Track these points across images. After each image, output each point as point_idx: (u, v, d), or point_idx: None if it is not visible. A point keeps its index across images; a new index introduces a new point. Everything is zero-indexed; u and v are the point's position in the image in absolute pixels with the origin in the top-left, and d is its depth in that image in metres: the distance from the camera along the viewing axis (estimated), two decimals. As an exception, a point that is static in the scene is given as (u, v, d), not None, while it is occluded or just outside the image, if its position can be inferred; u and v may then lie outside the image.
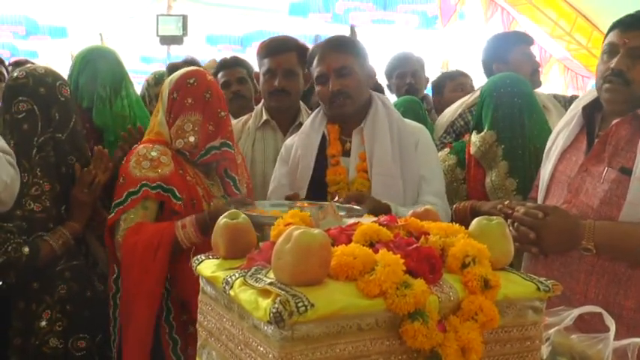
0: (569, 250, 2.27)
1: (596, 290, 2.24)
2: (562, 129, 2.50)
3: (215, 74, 3.92)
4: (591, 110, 2.41)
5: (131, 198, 2.54)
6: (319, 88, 2.81)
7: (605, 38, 2.35)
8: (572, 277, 2.27)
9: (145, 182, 2.54)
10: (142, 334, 2.49)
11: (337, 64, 2.75)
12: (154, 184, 2.55)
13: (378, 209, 2.39)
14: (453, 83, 4.57)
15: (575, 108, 2.48)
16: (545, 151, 2.57)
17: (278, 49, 3.29)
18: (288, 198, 2.63)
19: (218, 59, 4.33)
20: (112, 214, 2.56)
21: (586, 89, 13.15)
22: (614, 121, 2.28)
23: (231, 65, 3.91)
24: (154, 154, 2.59)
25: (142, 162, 2.57)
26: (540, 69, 3.83)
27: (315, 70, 2.81)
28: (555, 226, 2.24)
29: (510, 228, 2.29)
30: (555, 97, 3.88)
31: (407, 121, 2.91)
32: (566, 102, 3.88)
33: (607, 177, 2.24)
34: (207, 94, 2.66)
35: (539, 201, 2.50)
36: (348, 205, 2.35)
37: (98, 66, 3.12)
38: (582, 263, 2.26)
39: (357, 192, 2.63)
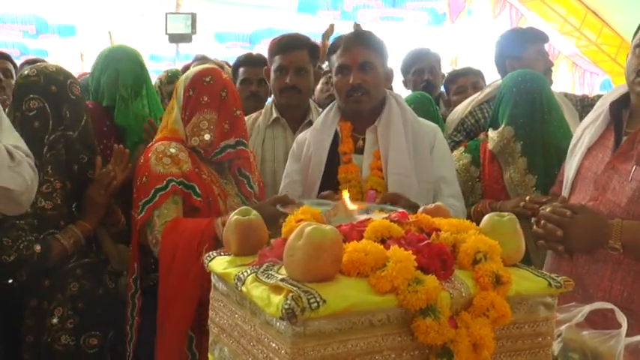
0: (596, 248, 2.25)
1: (620, 287, 2.23)
2: (588, 125, 2.48)
3: (236, 66, 3.90)
4: (619, 107, 2.39)
5: (160, 194, 2.53)
6: (338, 79, 2.79)
7: (635, 33, 2.33)
8: (597, 274, 2.26)
9: (170, 178, 2.54)
10: (180, 334, 2.49)
11: (362, 58, 2.74)
12: (178, 180, 2.56)
13: (412, 209, 2.37)
14: (454, 86, 4.54)
15: (602, 105, 2.45)
16: (570, 146, 2.55)
17: (290, 46, 3.28)
18: (322, 197, 2.56)
19: (225, 57, 4.29)
20: (142, 214, 2.54)
21: (594, 86, 13.12)
22: None
23: (256, 64, 3.81)
24: (172, 150, 2.59)
25: (162, 158, 2.56)
26: (552, 68, 3.80)
27: (338, 60, 2.78)
28: (583, 225, 2.22)
29: (535, 226, 2.29)
30: (566, 95, 3.87)
31: (421, 120, 2.90)
32: (577, 101, 3.87)
33: (635, 175, 2.22)
34: (224, 93, 2.66)
35: (565, 196, 2.48)
36: (391, 207, 2.19)
37: (120, 66, 3.12)
38: (608, 261, 2.25)
39: (391, 194, 2.58)
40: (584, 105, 3.91)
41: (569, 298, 1.51)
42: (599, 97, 4.01)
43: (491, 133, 3.07)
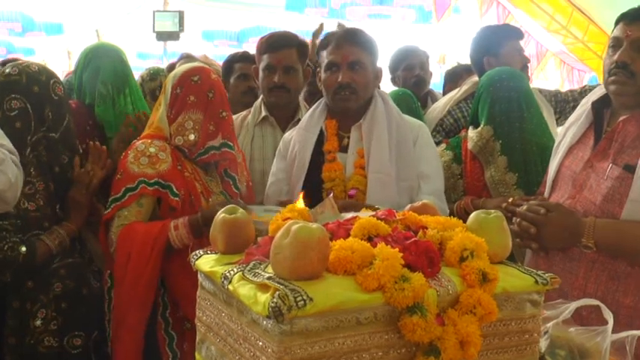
0: (570, 247, 2.27)
1: (595, 286, 2.24)
2: (572, 124, 2.49)
3: (231, 62, 3.88)
4: (601, 106, 2.40)
5: (129, 194, 2.53)
6: (326, 76, 2.77)
7: (611, 32, 2.35)
8: (571, 272, 2.27)
9: (142, 178, 2.53)
10: (135, 338, 2.49)
11: (352, 57, 2.72)
12: (152, 181, 2.54)
13: None
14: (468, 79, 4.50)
15: (586, 103, 2.47)
16: (555, 145, 2.57)
17: (278, 44, 3.26)
18: (281, 203, 2.57)
19: (213, 55, 4.26)
20: (109, 210, 2.55)
21: (582, 83, 13.17)
22: (622, 118, 2.28)
23: (253, 60, 3.83)
24: (152, 150, 2.58)
25: (140, 158, 2.56)
26: (529, 64, 3.80)
27: (328, 57, 2.76)
28: (556, 223, 2.24)
29: (512, 224, 2.30)
30: (541, 91, 3.87)
31: (406, 117, 2.89)
32: (551, 97, 3.89)
33: (611, 174, 2.23)
34: (211, 94, 2.64)
35: (546, 195, 2.50)
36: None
37: (101, 63, 3.11)
38: (582, 259, 2.26)
39: (349, 201, 2.59)
40: (557, 100, 3.92)
41: (546, 296, 1.52)
42: (571, 91, 4.04)
43: (471, 133, 3.06)
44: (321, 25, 4.74)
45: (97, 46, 3.37)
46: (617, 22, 2.32)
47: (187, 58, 4.33)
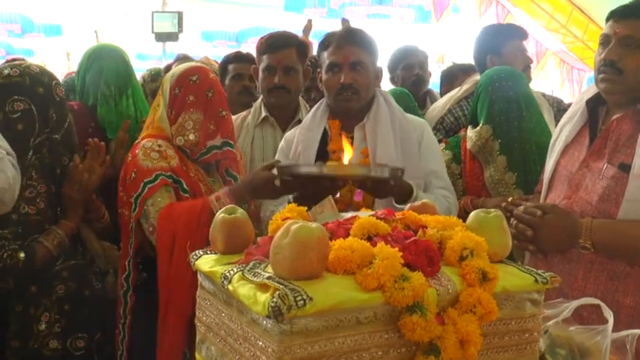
0: (567, 248, 2.27)
1: (594, 287, 2.23)
2: (566, 123, 2.48)
3: (226, 63, 3.89)
4: (595, 104, 2.39)
5: (149, 186, 2.52)
6: (328, 77, 2.77)
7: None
8: (570, 273, 2.26)
9: (159, 172, 2.53)
10: (184, 322, 2.45)
11: (354, 58, 2.72)
12: (167, 174, 2.55)
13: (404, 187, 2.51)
14: (467, 78, 4.49)
15: (580, 101, 2.45)
16: (550, 144, 2.55)
17: (278, 45, 3.25)
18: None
19: (212, 56, 4.27)
20: (137, 209, 2.53)
21: (582, 82, 13.18)
22: (615, 116, 2.27)
23: (247, 60, 3.80)
24: (160, 147, 2.59)
25: (150, 154, 2.56)
26: (531, 65, 3.80)
27: (329, 57, 2.76)
28: (553, 225, 2.23)
29: (511, 226, 2.29)
30: (544, 95, 3.88)
31: (409, 116, 2.90)
32: (554, 102, 3.90)
33: (606, 173, 2.22)
34: (210, 93, 2.64)
35: (542, 195, 2.49)
36: (386, 165, 2.37)
37: (104, 64, 3.13)
38: (581, 260, 2.25)
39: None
40: (560, 109, 3.93)
41: (546, 297, 1.52)
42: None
43: (470, 132, 3.06)
44: (310, 22, 4.72)
45: (100, 47, 3.39)
46: (607, 20, 2.31)
47: (184, 58, 4.35)
